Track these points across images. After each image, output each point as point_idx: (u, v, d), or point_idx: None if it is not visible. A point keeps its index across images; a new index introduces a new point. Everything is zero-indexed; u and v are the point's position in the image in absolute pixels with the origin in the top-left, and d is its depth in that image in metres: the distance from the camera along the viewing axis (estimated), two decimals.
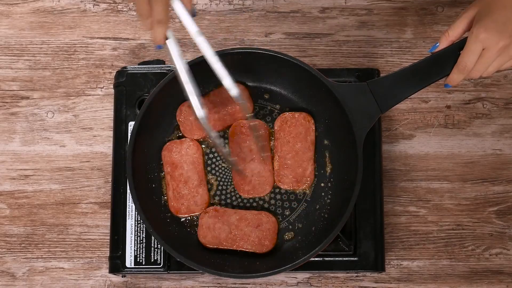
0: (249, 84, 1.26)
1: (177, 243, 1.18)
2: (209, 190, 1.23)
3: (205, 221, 1.20)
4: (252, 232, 1.19)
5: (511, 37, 1.06)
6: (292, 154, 1.22)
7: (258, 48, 1.21)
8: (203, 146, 1.24)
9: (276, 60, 1.20)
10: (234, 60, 1.20)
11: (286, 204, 1.22)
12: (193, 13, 1.05)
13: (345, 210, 1.14)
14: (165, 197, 1.22)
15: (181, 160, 1.22)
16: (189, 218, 1.22)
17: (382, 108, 1.15)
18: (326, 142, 1.24)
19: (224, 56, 1.14)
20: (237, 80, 1.23)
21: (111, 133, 1.33)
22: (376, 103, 1.15)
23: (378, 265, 1.23)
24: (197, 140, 1.24)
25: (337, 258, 1.22)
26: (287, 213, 1.22)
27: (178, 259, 1.15)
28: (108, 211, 1.30)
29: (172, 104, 1.24)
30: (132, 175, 1.17)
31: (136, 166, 1.18)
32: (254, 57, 1.21)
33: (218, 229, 1.20)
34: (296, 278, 1.30)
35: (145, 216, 1.15)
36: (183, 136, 1.24)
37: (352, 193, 1.14)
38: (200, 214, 1.21)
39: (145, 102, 1.19)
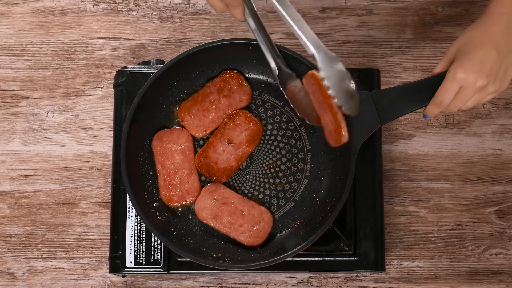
0: (254, 76, 1.26)
1: (177, 240, 1.18)
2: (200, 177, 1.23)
3: (208, 194, 1.21)
4: (245, 223, 1.19)
5: (489, 76, 1.04)
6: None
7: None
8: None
9: (285, 56, 1.20)
10: (240, 50, 1.21)
11: (281, 194, 1.22)
12: None
13: (334, 209, 1.14)
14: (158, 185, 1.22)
15: (172, 149, 1.22)
16: (184, 209, 1.22)
17: (383, 120, 1.13)
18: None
19: (234, 45, 1.19)
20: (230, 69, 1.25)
21: (111, 133, 1.33)
22: (377, 114, 1.14)
23: (378, 265, 1.22)
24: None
25: (337, 258, 1.22)
26: (282, 203, 1.22)
27: (179, 254, 1.14)
28: (108, 211, 1.30)
29: (164, 95, 1.24)
30: (126, 173, 1.17)
31: (129, 163, 1.18)
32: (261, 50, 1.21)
33: (217, 209, 1.20)
34: (296, 278, 1.30)
35: (143, 213, 1.15)
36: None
37: (339, 200, 1.13)
38: (195, 199, 1.21)
39: (137, 95, 1.19)
